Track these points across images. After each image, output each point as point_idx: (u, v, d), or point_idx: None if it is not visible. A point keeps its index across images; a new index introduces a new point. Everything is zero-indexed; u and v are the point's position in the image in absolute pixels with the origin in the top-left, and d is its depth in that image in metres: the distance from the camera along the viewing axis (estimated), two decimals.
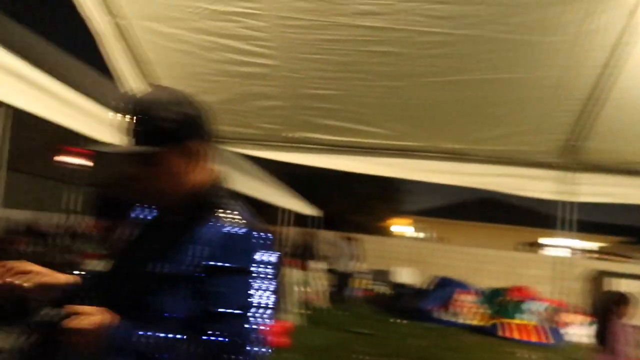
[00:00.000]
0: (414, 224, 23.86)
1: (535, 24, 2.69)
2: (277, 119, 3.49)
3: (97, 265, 1.23)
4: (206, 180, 1.22)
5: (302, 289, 9.47)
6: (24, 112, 2.85)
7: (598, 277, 9.94)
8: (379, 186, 24.45)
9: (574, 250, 5.31)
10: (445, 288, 10.02)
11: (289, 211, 9.86)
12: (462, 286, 10.09)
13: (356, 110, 3.51)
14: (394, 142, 3.66)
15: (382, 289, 12.78)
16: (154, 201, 1.27)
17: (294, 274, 8.14)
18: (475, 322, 9.33)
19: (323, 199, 23.46)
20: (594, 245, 19.12)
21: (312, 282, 10.00)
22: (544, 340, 8.41)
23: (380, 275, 13.14)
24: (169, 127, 1.14)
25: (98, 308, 1.06)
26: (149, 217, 1.30)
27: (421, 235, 21.59)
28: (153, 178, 1.17)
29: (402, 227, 25.30)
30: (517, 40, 2.80)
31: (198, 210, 1.17)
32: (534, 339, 8.52)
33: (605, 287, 9.22)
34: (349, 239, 11.00)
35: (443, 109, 3.28)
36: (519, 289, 10.09)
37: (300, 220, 13.65)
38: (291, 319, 7.43)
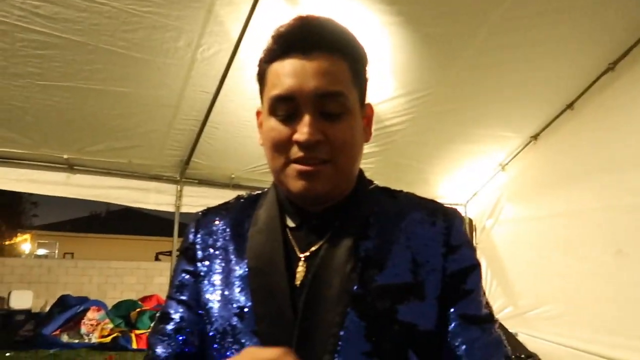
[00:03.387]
0: (41, 240, 21.19)
1: (151, 43, 2.82)
2: None
3: None
4: None
5: None
6: None
7: None
8: None
9: None
10: (69, 308, 9.22)
11: None
12: (91, 303, 9.53)
13: None
14: None
15: None
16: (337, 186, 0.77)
17: None
18: (102, 340, 8.96)
19: None
20: None
21: None
22: None
23: None
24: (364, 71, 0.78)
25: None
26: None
27: (48, 252, 19.34)
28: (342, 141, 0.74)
29: (25, 245, 22.10)
30: (134, 57, 2.86)
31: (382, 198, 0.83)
32: None
33: None
34: None
35: (52, 115, 3.03)
36: (152, 298, 10.29)
37: None
38: None
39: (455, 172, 4.52)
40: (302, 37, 0.72)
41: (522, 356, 2.87)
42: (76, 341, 8.74)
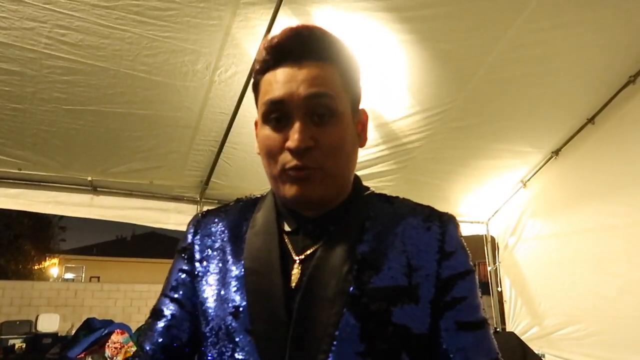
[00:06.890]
0: (68, 264, 21.57)
1: (170, 67, 2.90)
2: None
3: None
4: None
5: None
6: None
7: None
8: (28, 224, 21.16)
9: None
10: (95, 331, 9.31)
11: None
12: (115, 326, 9.59)
13: None
14: (21, 172, 3.26)
15: (18, 342, 10.92)
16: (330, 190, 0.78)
17: None
18: None
19: None
20: None
21: None
22: None
23: (17, 327, 11.23)
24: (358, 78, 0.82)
25: None
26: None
27: (75, 275, 19.69)
28: (334, 146, 0.75)
29: (53, 269, 22.53)
30: (155, 81, 2.95)
31: (372, 203, 0.84)
32: None
33: None
34: None
35: (77, 138, 3.12)
36: None
37: None
38: None
39: (475, 189, 4.46)
40: (294, 47, 0.73)
41: None
42: None
